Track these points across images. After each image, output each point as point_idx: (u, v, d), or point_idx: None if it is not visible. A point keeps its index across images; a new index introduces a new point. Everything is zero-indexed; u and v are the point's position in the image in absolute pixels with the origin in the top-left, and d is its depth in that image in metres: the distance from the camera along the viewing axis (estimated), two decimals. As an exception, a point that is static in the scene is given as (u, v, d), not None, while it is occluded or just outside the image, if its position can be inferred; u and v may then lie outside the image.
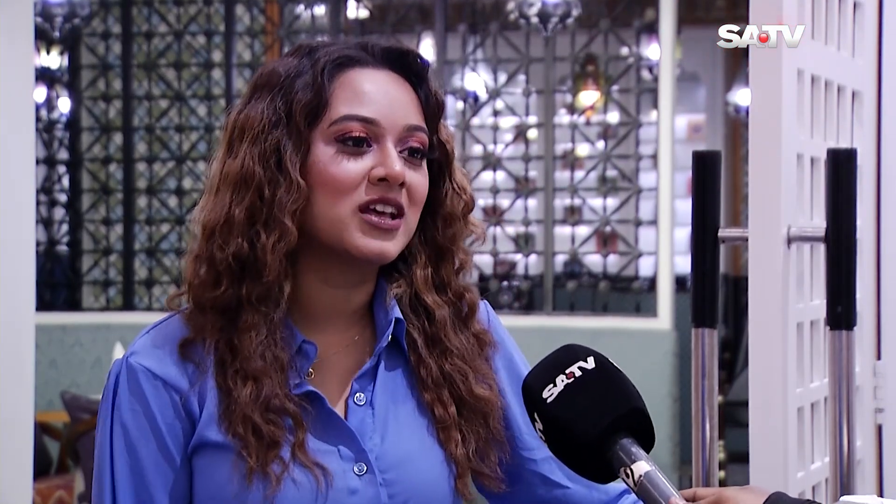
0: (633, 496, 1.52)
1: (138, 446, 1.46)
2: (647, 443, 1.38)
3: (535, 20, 6.38)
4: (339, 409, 1.50)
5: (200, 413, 1.46)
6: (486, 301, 1.63)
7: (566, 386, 1.40)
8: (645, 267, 6.74)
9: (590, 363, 1.41)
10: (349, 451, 1.47)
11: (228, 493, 1.44)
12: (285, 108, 1.46)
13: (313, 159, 1.46)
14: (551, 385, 1.40)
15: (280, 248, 1.44)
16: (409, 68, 1.51)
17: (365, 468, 1.47)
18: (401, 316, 1.52)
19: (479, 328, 1.58)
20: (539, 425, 1.41)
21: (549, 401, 1.39)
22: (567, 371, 1.40)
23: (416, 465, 1.50)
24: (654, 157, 6.44)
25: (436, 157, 1.53)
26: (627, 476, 1.36)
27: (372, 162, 1.46)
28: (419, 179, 1.49)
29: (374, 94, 1.47)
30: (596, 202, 6.89)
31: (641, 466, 1.36)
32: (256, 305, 1.45)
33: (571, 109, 7.27)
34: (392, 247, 1.47)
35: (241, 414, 1.43)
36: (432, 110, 1.52)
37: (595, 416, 1.37)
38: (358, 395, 1.50)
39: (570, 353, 1.43)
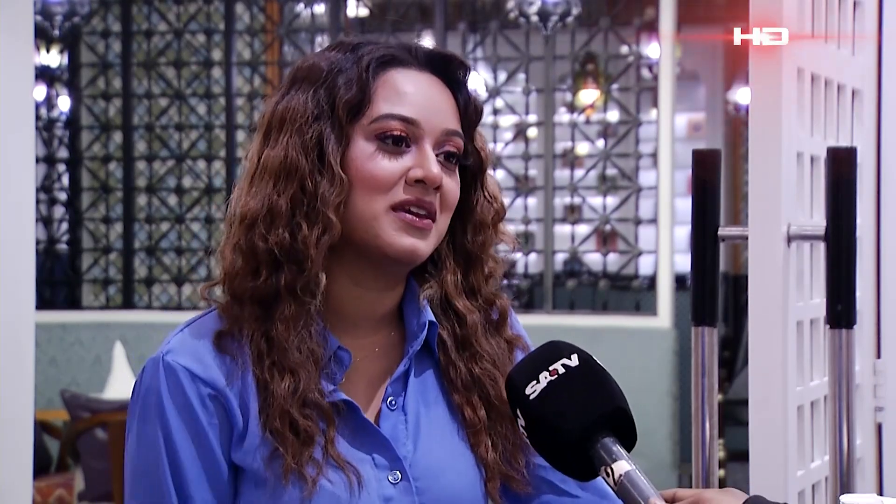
0: None
1: (182, 447, 1.43)
2: (630, 442, 1.38)
3: (534, 18, 6.38)
4: (371, 414, 1.49)
5: (241, 410, 1.43)
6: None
7: (549, 383, 1.38)
8: (645, 265, 6.73)
9: (574, 361, 1.40)
10: (384, 460, 1.46)
11: (263, 493, 1.42)
12: (328, 100, 1.45)
13: (352, 154, 1.45)
14: (535, 382, 1.39)
15: (325, 242, 1.43)
16: (451, 74, 1.51)
17: (400, 476, 1.46)
18: (434, 319, 1.51)
19: (512, 334, 1.58)
20: (521, 422, 1.41)
21: (531, 398, 1.38)
22: (550, 368, 1.39)
23: (447, 473, 1.49)
24: (654, 155, 6.44)
25: (470, 163, 1.52)
26: (608, 475, 1.35)
27: (410, 162, 1.45)
28: (452, 185, 1.48)
29: (416, 95, 1.47)
30: (596, 201, 6.88)
31: (622, 466, 1.35)
32: (296, 296, 1.43)
33: (571, 108, 7.27)
34: (424, 246, 1.46)
35: (279, 408, 1.41)
36: (470, 117, 1.52)
37: (577, 415, 1.36)
38: (391, 399, 1.49)
39: (554, 350, 1.41)
